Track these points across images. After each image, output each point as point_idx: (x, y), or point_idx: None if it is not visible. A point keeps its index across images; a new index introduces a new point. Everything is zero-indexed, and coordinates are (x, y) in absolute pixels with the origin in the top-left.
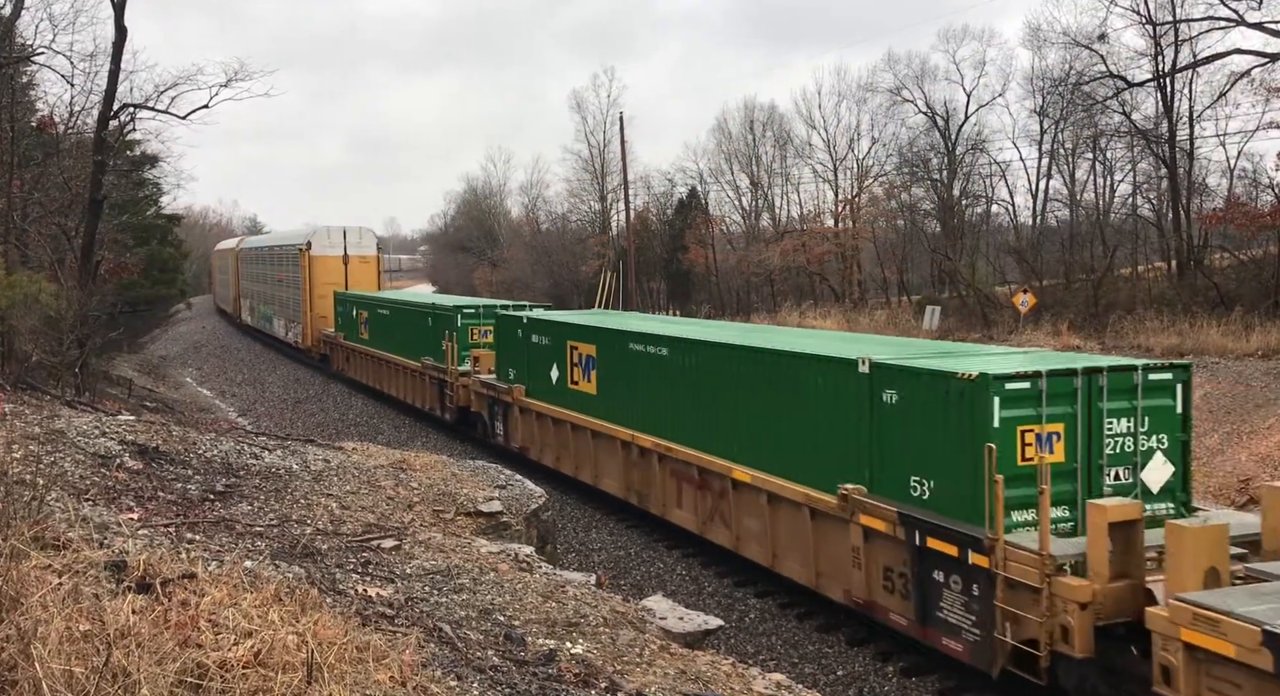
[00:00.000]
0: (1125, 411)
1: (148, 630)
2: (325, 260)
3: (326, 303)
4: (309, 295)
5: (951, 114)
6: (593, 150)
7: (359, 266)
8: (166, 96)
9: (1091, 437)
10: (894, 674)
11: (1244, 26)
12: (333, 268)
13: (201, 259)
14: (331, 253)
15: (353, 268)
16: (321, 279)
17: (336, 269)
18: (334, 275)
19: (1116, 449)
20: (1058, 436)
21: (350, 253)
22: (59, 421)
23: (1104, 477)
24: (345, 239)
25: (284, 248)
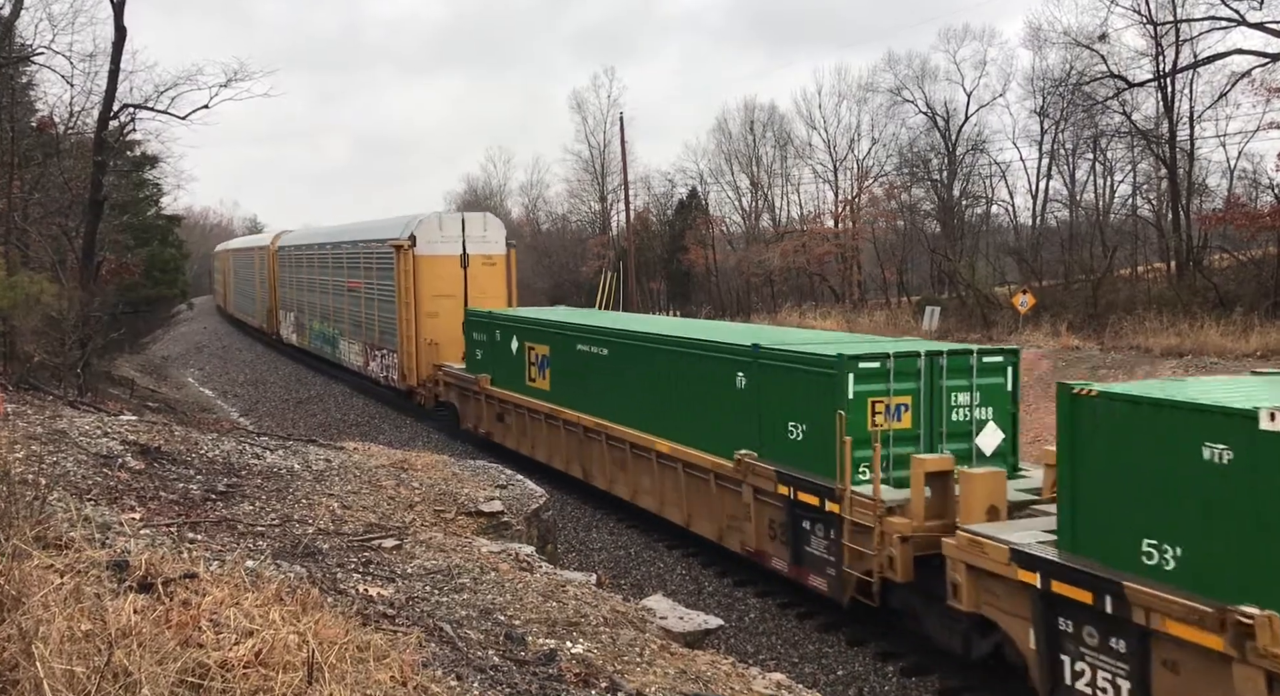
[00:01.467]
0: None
1: (149, 630)
2: (436, 262)
3: (441, 324)
4: (414, 312)
5: (952, 114)
6: (593, 150)
7: (483, 271)
8: (166, 97)
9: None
10: (894, 674)
11: (1245, 26)
12: (446, 272)
13: (203, 259)
14: (444, 250)
15: (475, 272)
16: (430, 288)
17: (451, 274)
18: (448, 283)
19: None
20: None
21: (471, 250)
22: (61, 421)
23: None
24: (464, 231)
25: (363, 245)
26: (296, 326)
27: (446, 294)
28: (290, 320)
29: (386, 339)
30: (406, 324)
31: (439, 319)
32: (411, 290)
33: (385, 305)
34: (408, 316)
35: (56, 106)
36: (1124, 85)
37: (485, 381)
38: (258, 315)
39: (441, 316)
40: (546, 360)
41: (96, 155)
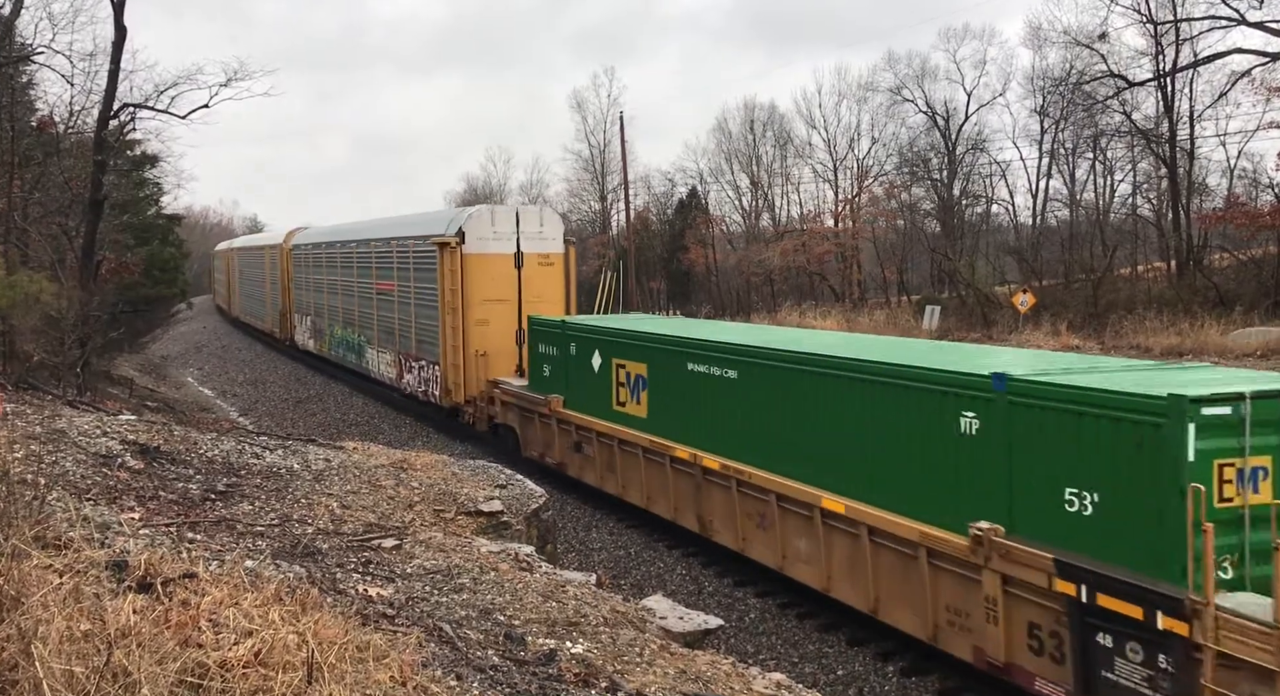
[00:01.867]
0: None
1: (148, 629)
2: (486, 261)
3: (492, 333)
4: (461, 319)
5: (952, 114)
6: (593, 150)
7: (540, 272)
8: (166, 96)
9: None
10: (894, 674)
11: (1245, 26)
12: (498, 274)
13: (202, 259)
14: (496, 249)
15: (530, 274)
16: (480, 291)
17: (504, 276)
18: (500, 286)
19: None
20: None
21: (526, 248)
22: (60, 421)
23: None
24: (518, 226)
25: (398, 242)
26: (314, 332)
27: (498, 298)
28: (306, 325)
29: (425, 349)
30: (452, 332)
31: (489, 327)
32: (459, 293)
33: (425, 310)
34: (454, 324)
35: (56, 106)
36: (1124, 85)
37: (557, 403)
38: (268, 319)
39: (492, 324)
40: (643, 381)
41: (96, 154)
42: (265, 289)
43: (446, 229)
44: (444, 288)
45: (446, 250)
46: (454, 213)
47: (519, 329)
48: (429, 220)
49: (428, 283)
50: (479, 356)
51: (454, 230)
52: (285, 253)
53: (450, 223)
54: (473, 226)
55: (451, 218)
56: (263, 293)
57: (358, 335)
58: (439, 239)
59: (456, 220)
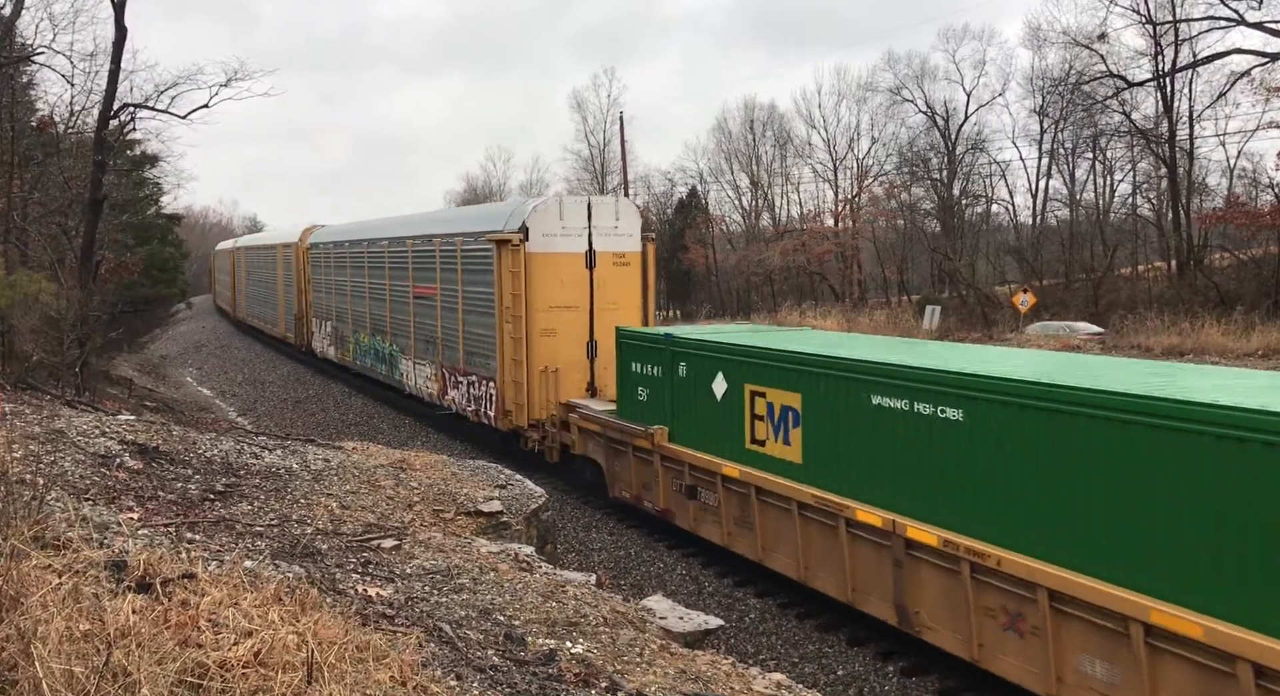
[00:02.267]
0: None
1: (148, 630)
2: (554, 262)
3: (561, 346)
4: (524, 328)
5: (951, 114)
6: (593, 150)
7: (614, 274)
8: (167, 96)
9: None
10: (894, 673)
11: (1244, 26)
12: (567, 276)
13: (201, 259)
14: (564, 247)
15: (604, 276)
16: (546, 297)
17: (574, 278)
18: (569, 290)
19: None
20: None
21: (599, 247)
22: (59, 421)
23: None
24: (590, 220)
25: (443, 240)
26: (335, 339)
27: (567, 304)
28: (326, 331)
29: (476, 362)
30: (512, 344)
31: (557, 338)
32: (521, 299)
33: (476, 318)
34: (515, 334)
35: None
36: (1123, 85)
37: (660, 436)
38: (281, 323)
39: (560, 334)
40: (793, 415)
41: (96, 154)
42: (277, 291)
43: (506, 224)
44: (502, 292)
45: (506, 248)
46: (514, 205)
47: (590, 341)
48: (483, 214)
49: (481, 286)
50: (546, 373)
51: (515, 225)
52: (302, 252)
53: (510, 216)
54: (538, 221)
55: (512, 211)
56: (274, 295)
57: (389, 344)
58: (496, 235)
59: (518, 213)
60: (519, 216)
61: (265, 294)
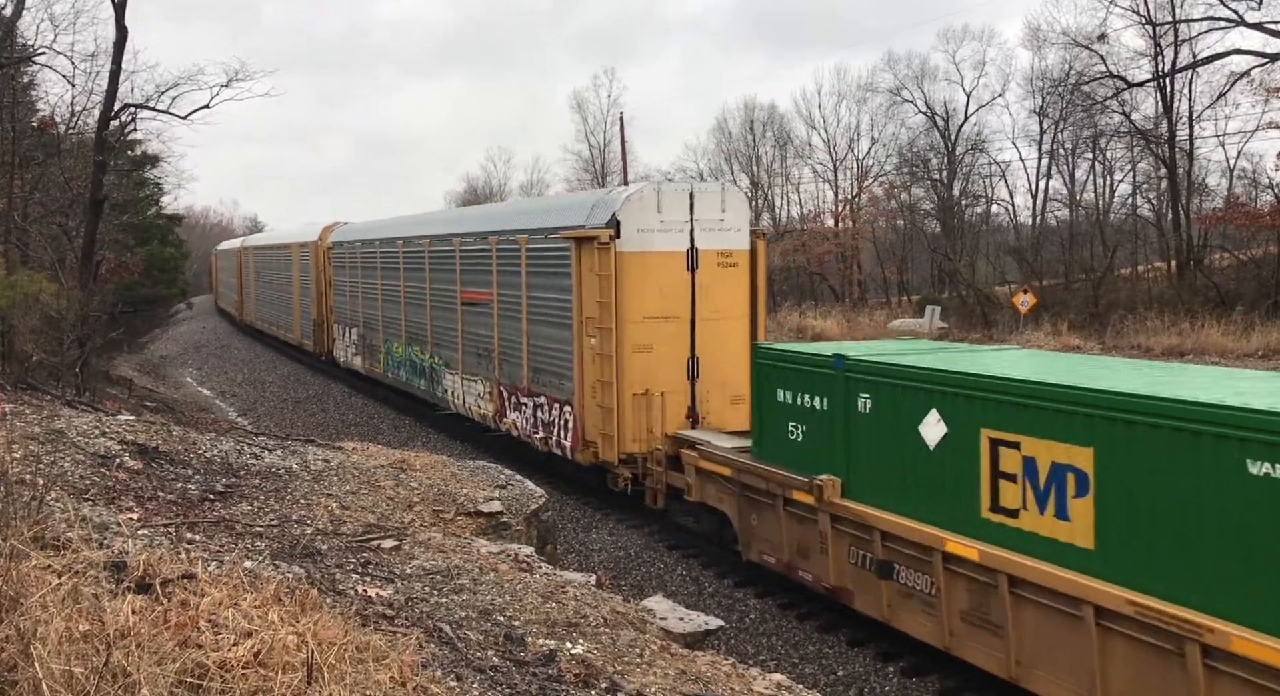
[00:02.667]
0: None
1: (147, 630)
2: (649, 262)
3: (656, 364)
4: (614, 343)
5: (951, 114)
6: (593, 150)
7: (719, 277)
8: (167, 96)
9: None
10: (894, 674)
11: (1243, 26)
12: (665, 279)
13: (201, 259)
14: (661, 245)
15: (707, 279)
16: (640, 304)
17: (673, 281)
18: (667, 297)
19: None
20: None
21: (703, 244)
22: (59, 421)
23: None
24: (692, 212)
25: (505, 237)
26: (362, 348)
27: (664, 314)
28: (351, 339)
29: (546, 381)
30: (597, 362)
31: (652, 356)
32: (611, 308)
33: (545, 329)
34: (603, 350)
35: (57, 106)
36: (1123, 85)
37: (832, 489)
38: (296, 329)
39: (657, 351)
40: (1078, 479)
41: (97, 155)
42: (293, 294)
43: (589, 217)
44: (581, 298)
45: (589, 247)
46: (600, 195)
47: (691, 358)
48: (557, 207)
49: (551, 291)
50: (643, 397)
51: (602, 218)
52: (322, 251)
53: (595, 208)
54: (632, 213)
55: (595, 202)
56: (288, 298)
57: (430, 356)
58: (577, 231)
59: (604, 204)
60: (606, 208)
61: (277, 297)
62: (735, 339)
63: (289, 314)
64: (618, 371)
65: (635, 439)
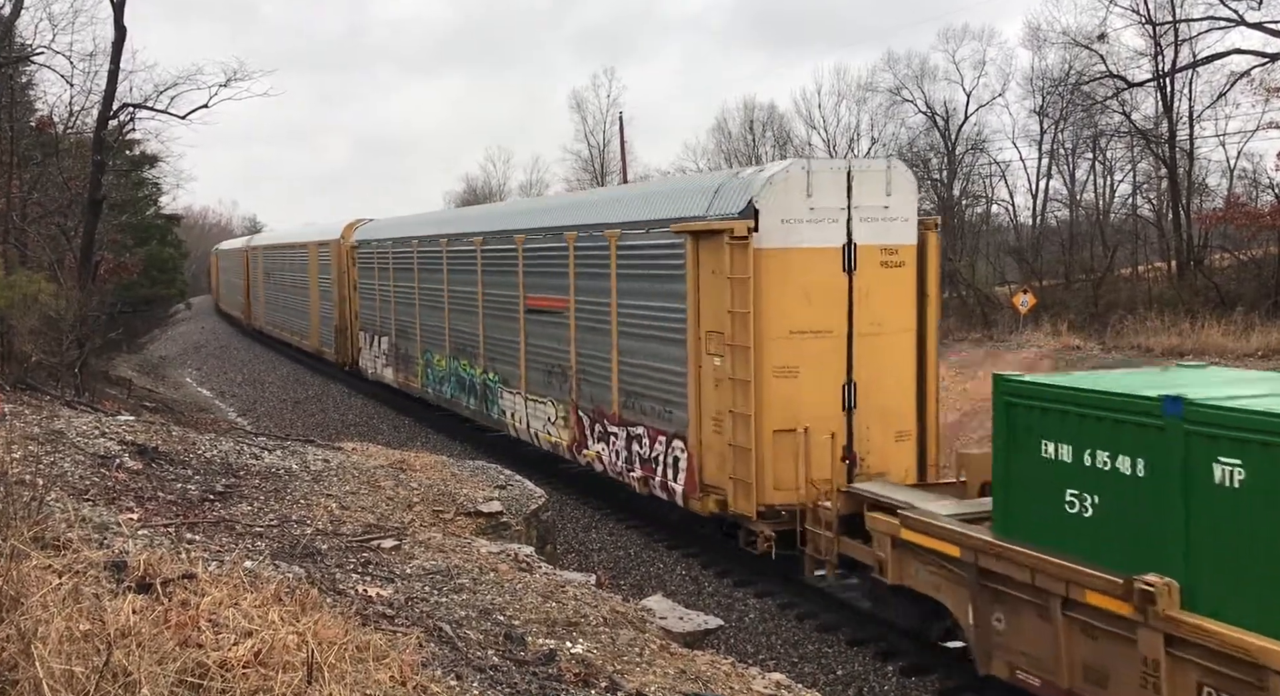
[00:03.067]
0: None
1: (148, 630)
2: (793, 261)
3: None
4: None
5: (951, 114)
6: (593, 150)
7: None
8: (166, 96)
9: None
10: (894, 673)
11: (1244, 26)
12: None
13: (200, 259)
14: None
15: (868, 283)
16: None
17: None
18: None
19: None
20: None
21: (861, 238)
22: (58, 422)
23: None
24: (850, 197)
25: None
26: (395, 358)
27: (814, 328)
28: (380, 348)
29: (646, 408)
30: (725, 387)
31: (799, 380)
32: (747, 319)
33: (645, 344)
34: (736, 371)
35: (56, 106)
36: (1123, 85)
37: (1167, 598)
38: (314, 335)
39: (805, 374)
40: None
41: (96, 154)
42: (309, 297)
43: (712, 205)
44: (699, 307)
45: (714, 243)
46: (725, 179)
47: (847, 384)
48: (665, 192)
49: (657, 298)
50: (787, 434)
51: (736, 205)
52: (345, 251)
53: (721, 194)
54: (775, 199)
55: (721, 186)
56: (303, 302)
57: (482, 371)
58: (694, 224)
59: (738, 188)
60: (739, 193)
61: (292, 300)
62: (900, 358)
63: (305, 319)
64: (757, 400)
65: (780, 486)
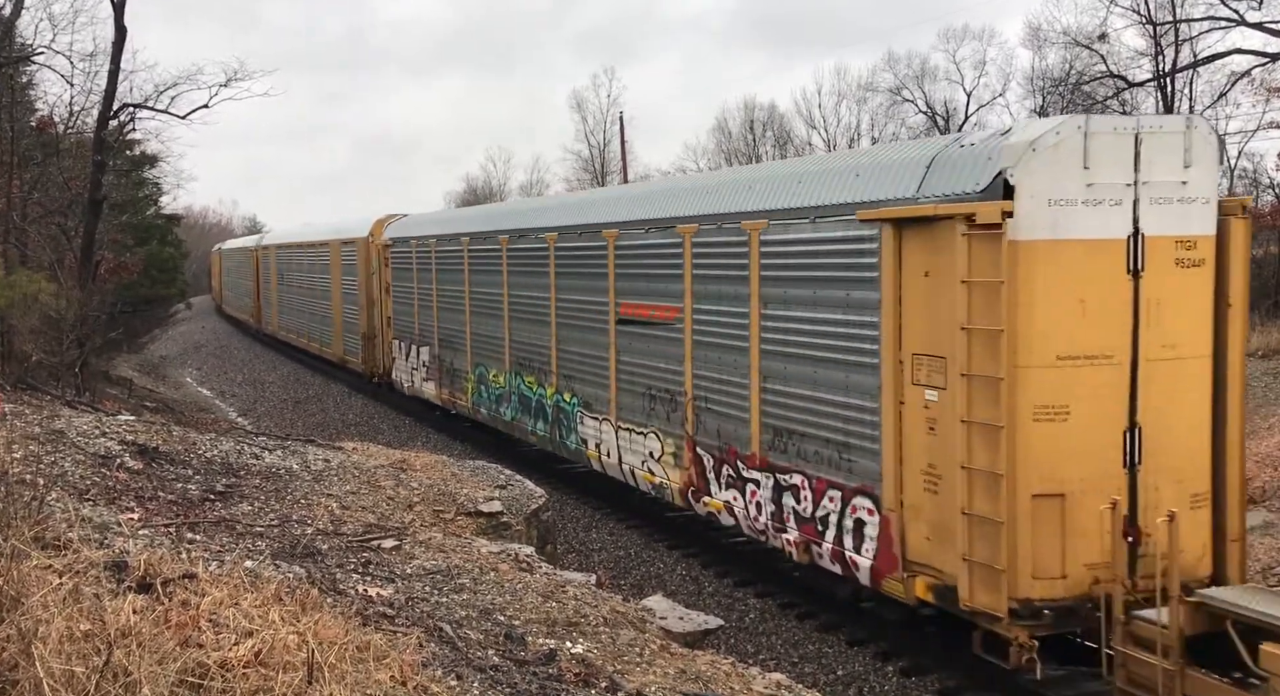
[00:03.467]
0: None
1: (148, 630)
2: (1067, 255)
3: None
4: (1008, 398)
5: (952, 114)
6: (593, 150)
7: (1175, 285)
8: (166, 96)
9: None
10: (894, 673)
11: (1244, 26)
12: (1091, 283)
13: (201, 258)
14: (1083, 227)
15: (1160, 288)
16: (1049, 332)
17: (1104, 290)
18: (1095, 318)
19: None
20: None
21: (1150, 227)
22: (59, 421)
23: None
24: (1136, 169)
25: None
26: (437, 371)
27: (1089, 351)
28: (418, 359)
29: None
30: (952, 433)
31: (1069, 423)
32: (998, 339)
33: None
34: (984, 412)
35: (56, 106)
36: (1124, 85)
37: None
38: (337, 343)
39: (1077, 415)
40: None
41: (96, 154)
42: (331, 301)
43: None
44: (900, 320)
45: (928, 233)
46: (947, 144)
47: (1130, 429)
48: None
49: (826, 309)
50: (1050, 501)
51: (972, 181)
52: (375, 250)
53: (944, 165)
54: (1040, 172)
55: (938, 154)
56: (325, 306)
57: (554, 391)
58: (897, 209)
59: (976, 158)
60: (981, 164)
61: (309, 304)
62: (1195, 392)
63: (326, 325)
64: (1009, 452)
65: (1042, 574)
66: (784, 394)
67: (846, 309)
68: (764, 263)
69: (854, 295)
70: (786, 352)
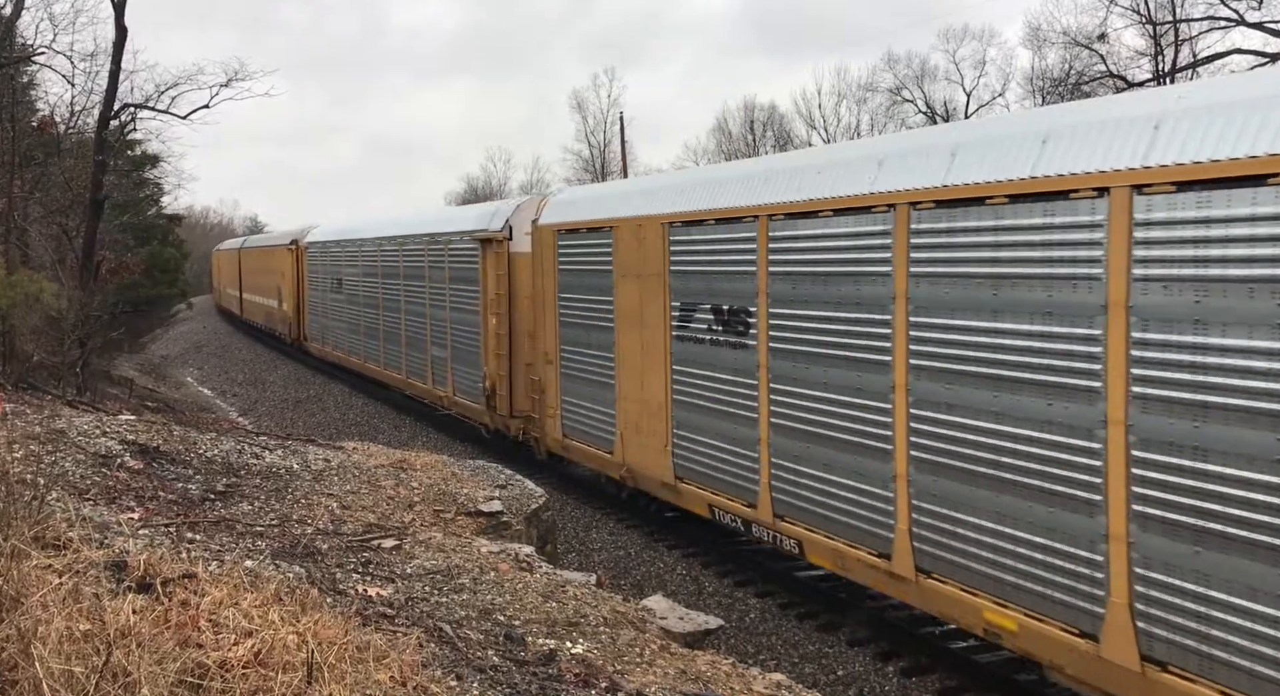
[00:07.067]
0: None
1: (148, 630)
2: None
3: None
4: None
5: (952, 114)
6: (593, 150)
7: None
8: (167, 96)
9: None
10: (894, 673)
11: (1244, 26)
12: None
13: (202, 258)
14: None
15: None
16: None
17: None
18: None
19: None
20: None
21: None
22: (60, 421)
23: None
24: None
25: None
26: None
27: None
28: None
29: None
30: None
31: None
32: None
33: None
34: None
35: (57, 106)
36: (1124, 85)
37: None
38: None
39: None
40: None
41: (97, 155)
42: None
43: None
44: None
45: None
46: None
47: None
48: None
49: None
50: None
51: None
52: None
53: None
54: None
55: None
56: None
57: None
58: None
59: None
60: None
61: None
62: None
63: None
64: None
65: None
66: None
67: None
68: None
69: None
70: None
